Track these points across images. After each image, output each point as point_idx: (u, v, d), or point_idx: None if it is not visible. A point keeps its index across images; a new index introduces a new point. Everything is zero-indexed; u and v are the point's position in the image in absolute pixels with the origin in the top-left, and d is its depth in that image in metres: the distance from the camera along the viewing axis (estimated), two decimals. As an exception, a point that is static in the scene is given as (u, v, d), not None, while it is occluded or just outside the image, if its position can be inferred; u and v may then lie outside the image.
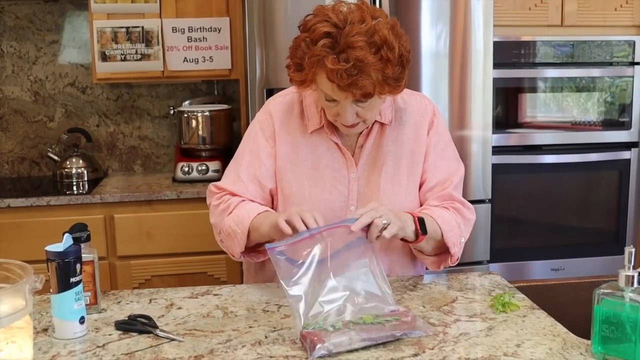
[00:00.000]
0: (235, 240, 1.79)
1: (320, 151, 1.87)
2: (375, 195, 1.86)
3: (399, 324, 1.48)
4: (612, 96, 3.42)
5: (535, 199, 3.39)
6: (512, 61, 3.30)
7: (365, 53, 1.60)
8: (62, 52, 3.70)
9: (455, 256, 1.83)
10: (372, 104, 1.72)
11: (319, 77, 1.68)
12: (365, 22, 1.64)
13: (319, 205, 1.84)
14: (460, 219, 1.86)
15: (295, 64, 1.72)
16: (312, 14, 1.71)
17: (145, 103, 3.78)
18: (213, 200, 1.91)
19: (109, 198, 3.14)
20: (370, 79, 1.62)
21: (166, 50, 3.44)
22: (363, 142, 1.88)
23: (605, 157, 3.42)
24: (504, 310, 1.62)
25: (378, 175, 1.87)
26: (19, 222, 3.09)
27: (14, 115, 3.71)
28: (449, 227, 1.80)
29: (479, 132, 3.03)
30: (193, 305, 1.71)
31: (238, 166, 1.91)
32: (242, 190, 1.87)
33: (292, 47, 1.73)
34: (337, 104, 1.71)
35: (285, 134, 1.88)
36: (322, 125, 1.85)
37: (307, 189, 1.86)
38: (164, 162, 3.83)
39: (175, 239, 3.14)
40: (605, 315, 1.34)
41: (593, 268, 3.40)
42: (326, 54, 1.62)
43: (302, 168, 1.87)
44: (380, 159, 1.87)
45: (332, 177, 1.86)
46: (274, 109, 1.91)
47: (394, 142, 1.88)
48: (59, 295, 1.50)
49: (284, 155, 1.88)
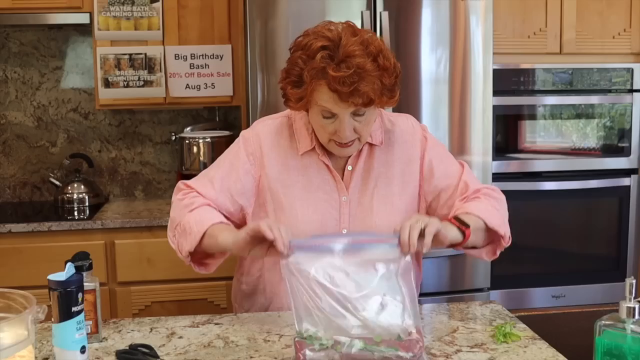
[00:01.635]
0: (189, 238, 1.77)
1: (311, 173, 1.87)
2: (369, 217, 1.86)
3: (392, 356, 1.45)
4: (611, 123, 3.44)
5: (535, 225, 3.39)
6: (511, 88, 3.32)
7: (364, 60, 1.65)
8: (65, 78, 3.72)
9: (506, 236, 1.82)
10: (368, 119, 1.74)
11: (319, 91, 1.69)
12: (358, 35, 1.69)
13: (310, 227, 1.84)
14: (492, 200, 1.85)
15: (293, 82, 1.73)
16: (302, 35, 1.75)
17: (147, 129, 3.79)
18: (179, 195, 1.89)
19: (110, 224, 3.15)
20: (370, 86, 1.65)
21: (168, 76, 3.46)
22: (353, 165, 1.88)
23: (605, 183, 3.43)
24: (505, 341, 1.62)
25: (370, 197, 1.87)
26: (19, 247, 3.09)
27: (16, 140, 3.72)
28: (487, 212, 1.78)
29: (479, 158, 3.04)
30: (194, 335, 1.71)
31: (213, 174, 1.89)
32: (211, 196, 1.85)
33: (288, 66, 1.75)
34: (335, 120, 1.72)
35: (275, 156, 1.88)
36: (313, 146, 1.86)
37: (299, 210, 1.86)
38: (165, 187, 3.84)
39: (175, 265, 3.12)
40: (607, 347, 1.34)
41: (594, 295, 3.39)
42: (326, 64, 1.65)
43: (294, 190, 1.87)
44: (371, 181, 1.88)
45: (324, 200, 1.86)
46: (262, 130, 1.91)
47: (384, 163, 1.89)
48: (60, 325, 1.50)
49: (275, 177, 1.87)
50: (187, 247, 1.78)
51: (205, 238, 1.74)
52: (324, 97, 1.69)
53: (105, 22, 3.39)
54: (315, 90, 1.69)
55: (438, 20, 2.97)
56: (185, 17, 3.43)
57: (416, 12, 2.96)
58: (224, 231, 1.73)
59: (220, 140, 3.51)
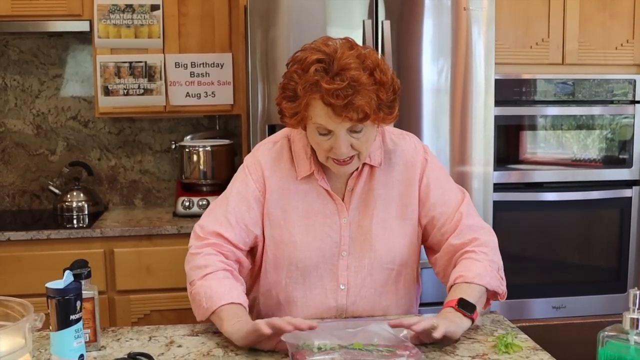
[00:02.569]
0: (199, 310, 1.74)
1: (311, 198, 1.84)
2: (368, 240, 1.84)
3: (390, 355, 1.47)
4: (613, 134, 3.43)
5: (536, 236, 3.38)
6: (513, 99, 3.31)
7: (359, 73, 1.62)
8: (65, 86, 3.72)
9: (503, 294, 1.81)
10: (366, 135, 1.71)
11: (313, 106, 1.66)
12: (354, 49, 1.67)
13: (310, 255, 1.83)
14: (490, 254, 1.82)
15: (288, 96, 1.71)
16: (300, 50, 1.73)
17: (147, 137, 3.79)
18: (193, 247, 1.85)
19: (109, 232, 3.14)
20: (365, 99, 1.62)
21: (169, 85, 3.46)
22: (353, 186, 1.85)
23: (606, 194, 3.42)
24: (506, 351, 1.61)
25: (369, 219, 1.85)
26: (18, 255, 3.08)
27: (15, 148, 3.72)
28: (487, 277, 1.76)
29: (480, 169, 3.04)
30: (193, 344, 1.69)
31: (225, 207, 1.85)
32: (228, 232, 1.81)
33: (284, 81, 1.73)
34: (331, 136, 1.69)
35: (276, 180, 1.85)
36: (312, 172, 1.83)
37: (298, 237, 1.83)
38: (165, 196, 3.83)
39: (175, 273, 3.13)
40: (610, 358, 1.33)
41: (595, 306, 3.38)
42: (320, 77, 1.63)
43: (293, 215, 1.84)
44: (371, 202, 1.85)
45: (323, 224, 1.84)
46: (262, 156, 1.88)
47: (384, 185, 1.86)
48: (58, 333, 1.49)
49: (275, 203, 1.84)
50: (197, 317, 1.76)
51: (213, 316, 1.71)
52: (318, 112, 1.66)
53: (105, 30, 3.38)
54: (310, 104, 1.67)
55: (440, 29, 2.97)
56: (185, 25, 3.43)
57: (418, 21, 2.96)
58: (230, 319, 1.66)
59: (221, 149, 3.51)
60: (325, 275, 1.85)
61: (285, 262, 1.85)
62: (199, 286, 1.75)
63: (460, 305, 1.67)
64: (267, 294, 1.91)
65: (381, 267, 1.85)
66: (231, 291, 1.72)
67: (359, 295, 1.86)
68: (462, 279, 1.75)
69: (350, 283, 1.85)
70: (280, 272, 1.87)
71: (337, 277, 1.85)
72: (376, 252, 1.84)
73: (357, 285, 1.85)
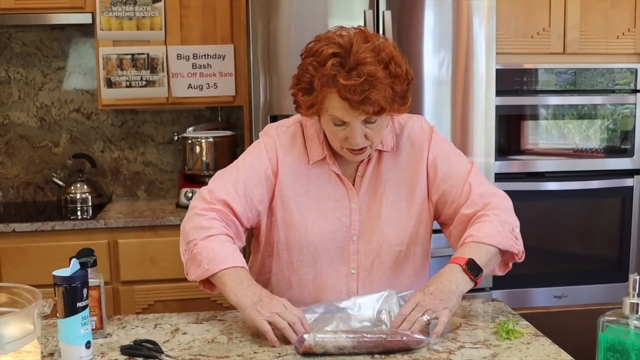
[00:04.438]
0: (198, 269, 1.74)
1: (322, 182, 1.86)
2: (377, 225, 1.85)
3: (393, 333, 1.54)
4: (615, 123, 3.44)
5: (537, 226, 3.39)
6: (514, 88, 3.32)
7: (375, 68, 1.63)
8: (67, 78, 3.73)
9: (520, 252, 1.81)
10: (379, 125, 1.73)
11: (329, 99, 1.67)
12: (369, 41, 1.68)
13: (321, 237, 1.84)
14: (502, 215, 1.81)
15: (304, 88, 1.71)
16: (314, 41, 1.73)
17: (149, 129, 3.80)
18: (198, 208, 1.82)
19: (113, 223, 3.16)
20: (381, 94, 1.63)
21: (171, 76, 3.47)
22: (363, 171, 1.87)
23: (607, 184, 3.43)
24: (508, 337, 1.63)
25: (379, 204, 1.86)
26: (23, 246, 3.10)
27: (19, 141, 3.73)
28: (499, 237, 1.75)
29: (482, 159, 3.04)
30: (198, 331, 1.72)
31: (235, 177, 1.84)
32: (235, 203, 1.80)
33: (299, 73, 1.73)
34: (346, 127, 1.71)
35: (289, 163, 1.86)
36: (324, 156, 1.85)
37: (310, 220, 1.85)
38: (168, 187, 3.84)
39: (178, 264, 3.07)
40: (610, 342, 1.34)
41: (596, 295, 3.39)
42: (337, 72, 1.63)
43: (305, 199, 1.86)
44: (380, 187, 1.87)
45: (334, 208, 1.85)
46: (278, 137, 1.89)
47: (392, 168, 1.87)
48: (65, 320, 1.51)
49: (288, 185, 1.86)
50: (193, 275, 1.76)
51: (214, 277, 1.72)
52: (334, 105, 1.67)
53: (107, 22, 3.40)
54: (326, 97, 1.68)
55: (441, 20, 2.98)
56: (187, 17, 3.43)
57: (419, 11, 2.97)
58: (234, 286, 1.68)
59: (223, 140, 3.52)
60: (336, 259, 1.87)
61: (297, 244, 1.86)
62: (200, 246, 1.75)
63: (468, 266, 1.68)
64: (280, 275, 1.92)
65: (389, 249, 1.87)
66: (234, 254, 1.75)
67: (369, 278, 1.88)
68: (472, 239, 1.75)
69: (360, 267, 1.87)
70: (292, 254, 1.88)
71: (348, 261, 1.87)
72: (384, 236, 1.86)
73: (366, 268, 1.87)
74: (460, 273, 1.68)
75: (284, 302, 1.64)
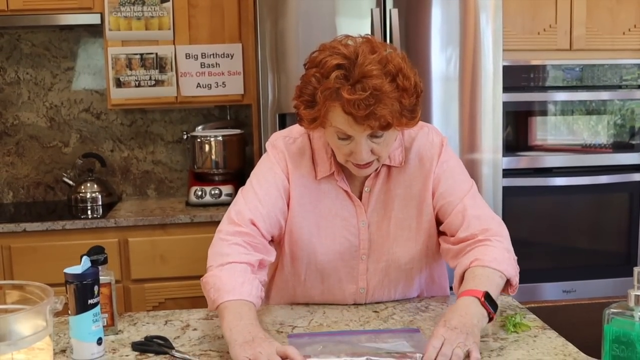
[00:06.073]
0: (208, 301, 1.66)
1: (330, 199, 1.80)
2: (386, 244, 1.81)
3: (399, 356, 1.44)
4: (622, 119, 3.44)
5: (545, 221, 3.40)
6: (521, 85, 3.33)
7: (382, 81, 1.54)
8: (77, 78, 3.76)
9: (515, 286, 1.70)
10: (386, 140, 1.65)
11: (333, 112, 1.59)
12: (376, 52, 1.59)
13: (330, 257, 1.81)
14: (505, 243, 1.73)
15: (306, 101, 1.63)
16: (318, 51, 1.64)
17: (158, 128, 3.82)
18: (223, 232, 1.75)
19: (123, 222, 3.18)
20: (388, 108, 1.55)
21: (179, 76, 3.49)
22: (370, 186, 1.79)
23: (615, 179, 3.43)
24: (515, 331, 1.64)
25: (388, 221, 1.81)
26: (34, 246, 3.13)
27: (29, 141, 3.76)
28: (505, 264, 1.67)
29: (489, 155, 3.05)
30: (208, 327, 1.73)
31: (257, 195, 1.77)
32: (260, 222, 1.74)
33: (301, 84, 1.65)
34: (351, 141, 1.62)
35: (298, 177, 1.79)
36: (332, 172, 1.78)
37: (317, 239, 1.81)
38: (177, 186, 3.86)
39: (188, 262, 3.17)
40: (616, 334, 1.35)
41: (604, 290, 3.40)
42: (341, 85, 1.55)
43: (313, 215, 1.80)
44: (390, 203, 1.80)
45: (342, 227, 1.80)
46: (287, 149, 1.81)
47: (401, 184, 1.80)
48: (77, 317, 1.53)
49: (297, 199, 1.79)
50: (209, 305, 1.67)
51: (218, 310, 1.61)
52: (338, 119, 1.59)
53: (116, 22, 3.42)
54: (329, 111, 1.59)
55: (448, 17, 2.98)
56: (195, 16, 3.45)
57: (426, 9, 2.98)
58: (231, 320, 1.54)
59: (232, 138, 3.54)
60: (345, 278, 1.84)
61: (304, 261, 1.84)
62: (211, 275, 1.67)
63: (487, 299, 1.55)
64: (283, 286, 1.91)
65: (399, 268, 1.84)
66: (242, 286, 1.63)
67: (376, 294, 1.87)
68: (479, 263, 1.66)
69: (369, 285, 1.85)
70: (298, 268, 1.86)
71: (357, 280, 1.85)
72: (394, 255, 1.82)
73: (374, 286, 1.86)
74: (479, 307, 1.55)
75: (278, 348, 1.44)
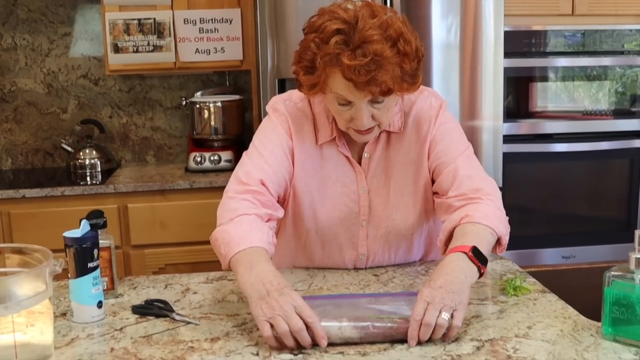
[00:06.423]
0: (220, 257, 1.62)
1: (330, 164, 1.78)
2: (386, 210, 1.81)
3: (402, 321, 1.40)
4: (623, 85, 3.42)
5: (546, 187, 3.40)
6: (522, 50, 3.31)
7: (382, 47, 1.51)
8: (74, 44, 3.73)
9: (504, 245, 1.67)
10: (387, 105, 1.63)
11: (333, 78, 1.57)
12: (377, 17, 1.56)
13: (330, 224, 1.81)
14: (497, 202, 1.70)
15: (306, 67, 1.61)
16: (317, 15, 1.61)
17: (157, 94, 3.80)
18: (231, 190, 1.71)
19: (123, 188, 3.17)
20: (389, 74, 1.53)
21: (178, 41, 3.46)
22: (370, 152, 1.78)
23: (616, 145, 3.42)
24: (515, 294, 1.64)
25: (387, 188, 1.80)
26: (33, 212, 3.13)
27: (27, 107, 3.74)
28: (496, 220, 1.64)
29: (490, 122, 3.04)
30: (208, 290, 1.73)
31: (263, 155, 1.74)
32: (269, 181, 1.71)
33: (300, 50, 1.62)
34: (352, 107, 1.61)
35: (301, 141, 1.77)
36: (334, 137, 1.76)
37: (318, 205, 1.80)
38: (177, 152, 3.85)
39: (188, 228, 3.17)
40: (616, 297, 1.36)
41: (604, 256, 3.40)
42: (341, 50, 1.52)
43: (313, 180, 1.79)
44: (389, 170, 1.79)
45: (342, 193, 1.79)
46: (289, 113, 1.78)
47: (400, 150, 1.79)
48: (77, 280, 1.53)
49: (300, 164, 1.77)
50: (222, 263, 1.62)
51: (231, 265, 1.57)
52: (338, 85, 1.57)
53: (113, -14, 3.38)
54: (329, 77, 1.57)
55: (448, -19, 2.95)
56: (194, -20, 3.42)
57: (426, -27, 2.95)
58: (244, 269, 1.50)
59: (231, 104, 3.52)
60: (345, 244, 1.84)
61: (305, 226, 1.83)
62: (219, 231, 1.63)
63: (474, 253, 1.51)
64: (285, 248, 1.91)
65: (398, 234, 1.84)
66: (250, 233, 1.59)
67: (376, 259, 1.87)
68: (469, 219, 1.63)
69: (369, 252, 1.85)
70: (300, 232, 1.86)
71: (357, 246, 1.85)
72: (394, 222, 1.82)
73: (374, 252, 1.86)
74: (467, 262, 1.50)
75: (295, 301, 1.39)
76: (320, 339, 1.35)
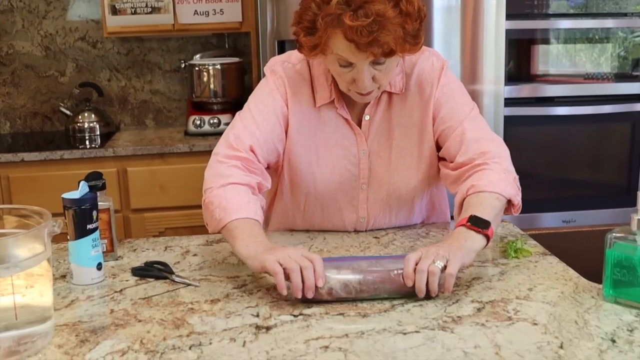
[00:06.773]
0: (212, 221, 1.62)
1: (329, 127, 1.77)
2: (387, 173, 1.79)
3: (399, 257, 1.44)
4: (626, 49, 3.39)
5: (547, 151, 3.38)
6: (525, 12, 3.26)
7: (384, 7, 1.49)
8: (71, 6, 3.68)
9: (518, 205, 1.67)
10: (388, 66, 1.61)
11: (334, 40, 1.54)
12: None
13: (329, 187, 1.80)
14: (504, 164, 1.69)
15: (306, 28, 1.58)
16: None
17: (156, 57, 3.77)
18: (221, 155, 1.71)
19: (122, 151, 3.16)
20: (391, 34, 1.50)
21: (176, 2, 3.42)
22: (371, 114, 1.76)
23: (617, 109, 3.39)
24: (516, 256, 1.64)
25: (389, 150, 1.78)
26: (33, 175, 3.12)
27: (25, 70, 3.71)
28: (503, 184, 1.63)
29: (491, 85, 3.01)
30: (208, 253, 1.73)
31: (255, 119, 1.73)
32: (259, 148, 1.71)
33: (300, 10, 1.60)
34: (353, 69, 1.59)
35: (298, 104, 1.75)
36: (332, 99, 1.74)
37: (317, 169, 1.78)
38: (176, 115, 3.83)
39: (188, 191, 3.17)
40: (617, 258, 1.35)
41: (604, 220, 3.40)
42: (342, 11, 1.49)
43: (312, 144, 1.77)
44: (390, 132, 1.77)
45: (342, 156, 1.78)
46: (287, 75, 1.76)
47: (402, 111, 1.76)
48: (76, 242, 1.53)
49: (296, 127, 1.76)
50: (209, 227, 1.65)
51: (224, 230, 1.59)
52: (340, 46, 1.54)
53: (111, -53, 3.34)
54: (330, 38, 1.54)
55: (450, -59, 2.91)
56: (192, -59, 3.37)
57: None
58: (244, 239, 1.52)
59: (230, 67, 3.49)
60: (345, 207, 1.84)
61: (304, 191, 1.82)
62: (214, 195, 1.64)
63: (472, 221, 1.52)
64: (283, 213, 1.90)
65: (400, 197, 1.83)
66: (248, 205, 1.61)
67: (377, 223, 1.87)
68: (474, 189, 1.63)
69: (369, 215, 1.85)
70: (298, 197, 1.85)
71: (357, 209, 1.84)
72: (395, 184, 1.81)
73: (375, 215, 1.85)
74: (466, 231, 1.51)
75: (303, 251, 1.44)
76: (318, 278, 1.38)
